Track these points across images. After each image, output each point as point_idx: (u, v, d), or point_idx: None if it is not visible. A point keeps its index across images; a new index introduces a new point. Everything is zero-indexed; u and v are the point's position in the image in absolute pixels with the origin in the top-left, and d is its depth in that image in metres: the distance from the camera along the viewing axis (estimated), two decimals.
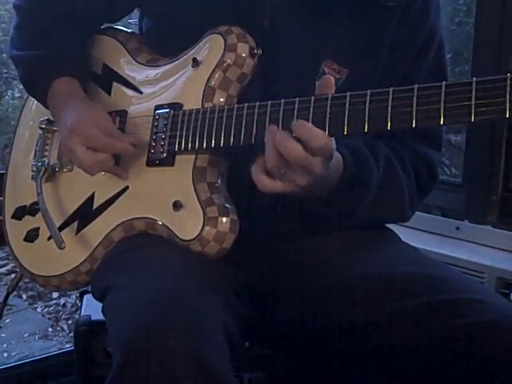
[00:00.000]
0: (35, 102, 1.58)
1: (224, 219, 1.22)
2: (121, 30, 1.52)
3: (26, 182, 1.53)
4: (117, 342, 1.06)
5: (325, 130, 1.08)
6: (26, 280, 1.61)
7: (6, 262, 3.36)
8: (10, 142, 1.66)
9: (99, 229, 1.37)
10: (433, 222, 2.21)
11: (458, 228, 2.17)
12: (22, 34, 1.47)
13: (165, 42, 1.39)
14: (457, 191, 2.24)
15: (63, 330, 3.16)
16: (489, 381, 1.09)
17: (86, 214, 1.40)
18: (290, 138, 1.07)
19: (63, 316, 3.25)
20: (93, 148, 1.29)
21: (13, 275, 1.61)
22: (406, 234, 1.42)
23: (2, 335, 2.98)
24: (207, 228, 1.21)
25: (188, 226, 1.23)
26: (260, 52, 1.27)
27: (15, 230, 1.55)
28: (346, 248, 1.33)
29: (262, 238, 1.32)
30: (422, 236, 2.15)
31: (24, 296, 3.26)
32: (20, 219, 1.54)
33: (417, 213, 1.38)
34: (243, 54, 1.27)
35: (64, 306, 3.30)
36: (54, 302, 3.31)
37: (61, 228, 1.42)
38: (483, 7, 2.12)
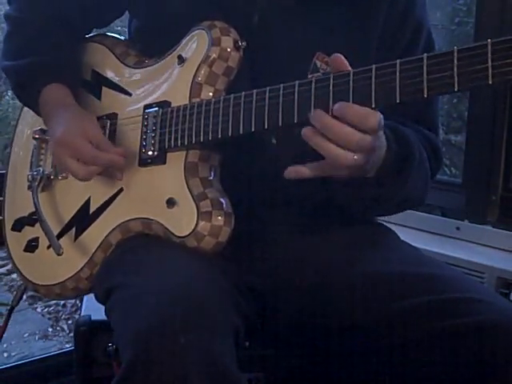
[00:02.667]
0: (30, 111, 1.59)
1: (218, 213, 1.21)
2: (108, 35, 1.53)
3: (23, 193, 1.52)
4: (126, 341, 1.05)
5: (310, 112, 1.08)
6: None
7: (6, 262, 3.36)
8: (7, 152, 1.65)
9: (96, 233, 1.37)
10: (433, 222, 2.21)
11: (458, 228, 2.17)
12: (11, 43, 1.47)
13: (153, 42, 1.39)
14: (457, 191, 2.24)
15: (63, 330, 3.16)
16: (488, 380, 1.09)
17: (82, 219, 1.40)
18: (344, 127, 1.06)
19: (63, 316, 3.25)
20: (82, 161, 1.30)
21: (13, 275, 1.62)
22: (406, 233, 1.42)
23: None
24: (202, 223, 1.21)
25: (183, 222, 1.23)
26: (244, 44, 1.27)
27: (15, 242, 1.55)
28: (345, 247, 1.32)
29: (262, 238, 1.32)
30: (422, 236, 2.15)
31: (24, 296, 3.26)
32: (20, 231, 1.54)
33: (417, 213, 1.38)
34: (228, 48, 1.26)
35: (64, 306, 3.30)
36: (54, 301, 3.31)
37: (59, 236, 1.42)
38: (483, 7, 2.12)
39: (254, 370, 1.38)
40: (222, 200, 1.23)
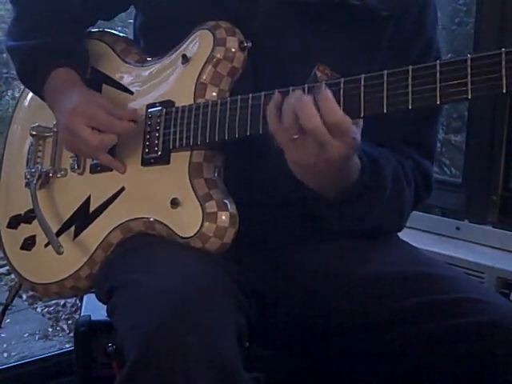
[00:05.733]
0: (25, 108, 1.58)
1: (223, 214, 1.21)
2: (107, 32, 1.51)
3: (20, 191, 1.51)
4: (130, 341, 1.05)
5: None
6: None
7: (6, 261, 3.36)
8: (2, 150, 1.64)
9: (97, 232, 1.36)
10: (433, 222, 2.21)
11: (458, 228, 2.17)
12: (19, 25, 1.46)
13: (157, 39, 1.38)
14: (457, 191, 2.24)
15: (63, 330, 3.16)
16: (488, 380, 1.10)
17: (82, 218, 1.39)
18: (312, 106, 1.05)
19: (63, 316, 3.25)
20: (97, 128, 1.29)
21: (13, 275, 1.61)
22: (405, 234, 1.42)
23: (2, 335, 2.98)
24: (207, 224, 1.21)
25: (187, 222, 1.23)
26: (249, 44, 1.26)
27: (11, 240, 1.54)
28: (346, 248, 1.32)
29: (263, 239, 1.32)
30: (422, 236, 2.15)
31: (24, 296, 3.26)
32: (16, 228, 1.53)
33: (417, 213, 1.39)
34: (233, 48, 1.26)
35: (64, 306, 3.30)
36: (54, 301, 3.31)
37: (58, 234, 1.41)
38: (483, 7, 2.12)
39: (254, 370, 1.38)
40: (226, 201, 1.23)
